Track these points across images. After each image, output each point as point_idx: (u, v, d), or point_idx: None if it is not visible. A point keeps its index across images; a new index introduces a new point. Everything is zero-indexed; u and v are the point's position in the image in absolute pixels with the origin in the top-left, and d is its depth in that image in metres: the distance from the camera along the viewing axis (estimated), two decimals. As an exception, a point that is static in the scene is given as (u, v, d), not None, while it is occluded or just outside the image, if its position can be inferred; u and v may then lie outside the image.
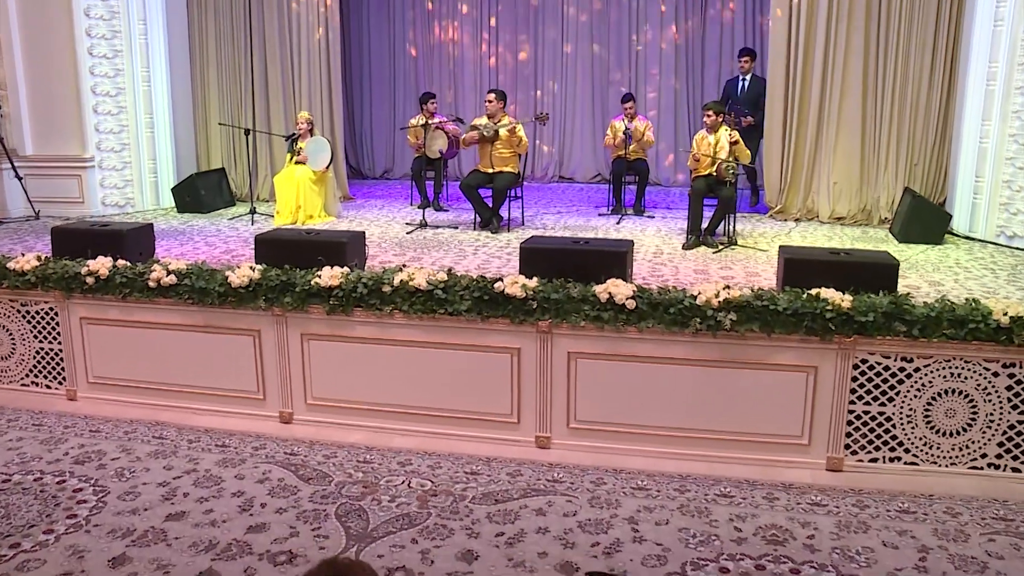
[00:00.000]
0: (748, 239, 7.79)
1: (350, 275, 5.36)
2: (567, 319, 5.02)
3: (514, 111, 11.86)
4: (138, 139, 9.79)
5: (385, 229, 8.48)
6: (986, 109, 7.62)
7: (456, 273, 5.35)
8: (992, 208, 7.66)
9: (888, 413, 4.86)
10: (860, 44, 8.39)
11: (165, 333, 5.80)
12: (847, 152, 8.61)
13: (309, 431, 5.53)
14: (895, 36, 8.32)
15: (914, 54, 8.29)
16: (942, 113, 8.36)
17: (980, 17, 7.64)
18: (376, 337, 5.37)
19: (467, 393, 5.30)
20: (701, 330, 4.86)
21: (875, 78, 8.44)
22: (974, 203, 7.84)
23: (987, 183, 7.67)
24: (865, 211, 8.67)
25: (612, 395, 5.10)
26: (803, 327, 4.78)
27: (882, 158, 8.54)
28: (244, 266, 5.58)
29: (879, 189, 8.60)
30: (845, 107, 8.54)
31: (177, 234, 8.33)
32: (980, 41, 7.66)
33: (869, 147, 8.59)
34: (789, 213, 8.95)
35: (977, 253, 7.27)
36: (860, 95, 8.46)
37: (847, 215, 8.71)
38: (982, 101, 7.65)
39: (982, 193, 7.74)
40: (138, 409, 5.87)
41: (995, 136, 7.55)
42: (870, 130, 8.55)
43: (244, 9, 10.28)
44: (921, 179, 8.49)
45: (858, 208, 8.68)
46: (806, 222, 8.82)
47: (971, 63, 7.77)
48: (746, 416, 4.98)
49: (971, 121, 7.81)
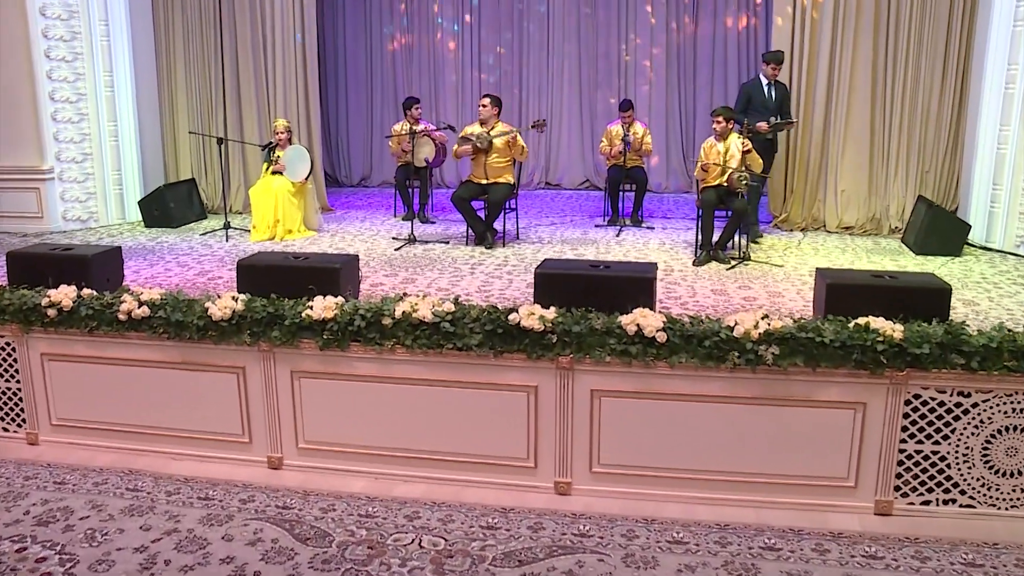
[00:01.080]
0: (759, 253, 7.38)
1: (345, 306, 4.84)
2: (590, 353, 4.54)
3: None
4: (101, 148, 9.15)
5: (371, 245, 7.95)
6: (1005, 113, 7.29)
7: (463, 302, 4.84)
8: (1011, 217, 7.33)
9: (942, 452, 4.44)
10: (868, 48, 8.05)
11: (138, 370, 5.23)
12: (855, 159, 8.25)
13: (301, 478, 4.99)
14: (904, 39, 7.99)
15: (925, 57, 7.96)
16: (954, 118, 8.03)
17: (997, 18, 7.30)
18: (376, 375, 4.85)
19: (478, 435, 4.80)
20: (739, 365, 4.41)
21: (883, 82, 8.09)
22: (991, 212, 7.51)
23: (1005, 191, 7.35)
24: (874, 220, 8.31)
25: (640, 436, 4.64)
26: (852, 360, 4.35)
27: (891, 165, 8.19)
28: (225, 296, 5.03)
29: (888, 197, 8.25)
30: (852, 112, 8.18)
31: (146, 252, 7.73)
32: (997, 43, 7.32)
33: (878, 154, 8.24)
34: (794, 223, 8.57)
35: (1000, 265, 6.92)
36: (868, 100, 8.11)
37: (855, 224, 8.35)
38: (1000, 105, 7.32)
39: (1000, 201, 7.41)
40: (109, 455, 5.29)
41: (1015, 142, 7.23)
42: (879, 136, 8.20)
43: (214, 8, 9.66)
44: (933, 187, 8.15)
45: (867, 217, 8.32)
46: (812, 232, 8.45)
47: (988, 66, 7.43)
48: (787, 457, 4.54)
49: (988, 126, 7.48)
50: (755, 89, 8.18)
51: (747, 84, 8.45)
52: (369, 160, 12.54)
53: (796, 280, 6.48)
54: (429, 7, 12.03)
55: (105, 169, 9.21)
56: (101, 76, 9.11)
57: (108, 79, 9.17)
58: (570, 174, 11.91)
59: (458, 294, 5.93)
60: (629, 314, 4.52)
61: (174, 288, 6.39)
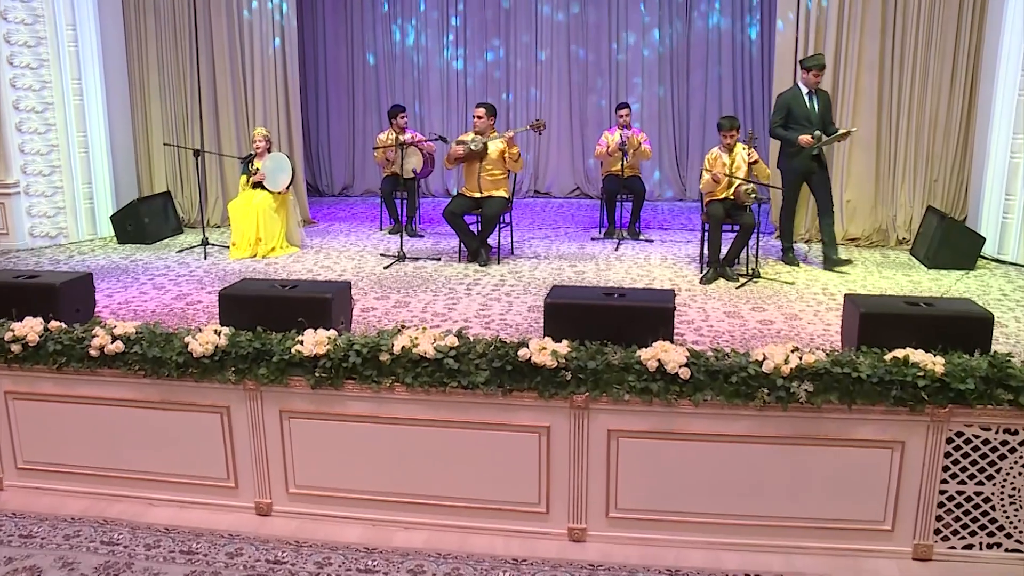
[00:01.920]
0: (766, 268, 7.06)
1: (339, 340, 4.45)
2: (607, 391, 4.19)
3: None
4: (70, 160, 8.68)
5: (359, 262, 7.55)
6: (1018, 121, 7.05)
7: (466, 334, 4.47)
8: (1025, 228, 7.07)
9: (986, 493, 4.14)
10: (875, 54, 7.77)
11: (112, 410, 4.81)
12: (861, 168, 7.96)
13: (293, 526, 4.60)
14: (911, 45, 7.72)
15: (933, 63, 7.69)
16: (963, 126, 7.76)
17: (1010, 23, 7.04)
18: (373, 415, 4.47)
19: (485, 479, 4.43)
20: (769, 402, 4.07)
21: (890, 89, 7.81)
22: (1004, 223, 7.26)
23: (1019, 201, 7.11)
24: (881, 231, 8.04)
25: (661, 478, 4.30)
26: (890, 397, 4.03)
27: (898, 174, 7.93)
28: (207, 329, 4.63)
29: (895, 207, 7.98)
30: (858, 120, 7.88)
31: (119, 272, 7.29)
32: (1010, 49, 7.07)
33: (884, 163, 7.97)
34: (797, 234, 8.25)
35: (1017, 280, 6.66)
36: (875, 107, 7.84)
37: (861, 236, 8.07)
38: (1013, 113, 7.07)
39: (1013, 212, 7.17)
40: (81, 501, 4.87)
41: (1029, 151, 6.96)
42: (885, 144, 7.93)
43: (188, 13, 9.20)
44: (941, 196, 7.89)
45: (873, 228, 8.05)
46: (816, 243, 8.14)
47: (999, 72, 7.17)
48: (819, 500, 4.23)
49: (1000, 134, 7.22)
50: (795, 100, 7.22)
51: (785, 94, 7.39)
52: (351, 168, 12.11)
53: (811, 300, 6.17)
54: (414, 10, 11.62)
55: (75, 182, 8.74)
56: (69, 84, 8.63)
57: (77, 87, 8.69)
58: (560, 182, 11.56)
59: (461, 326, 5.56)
60: (649, 348, 4.18)
61: (150, 315, 6.00)
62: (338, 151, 12.11)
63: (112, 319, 5.73)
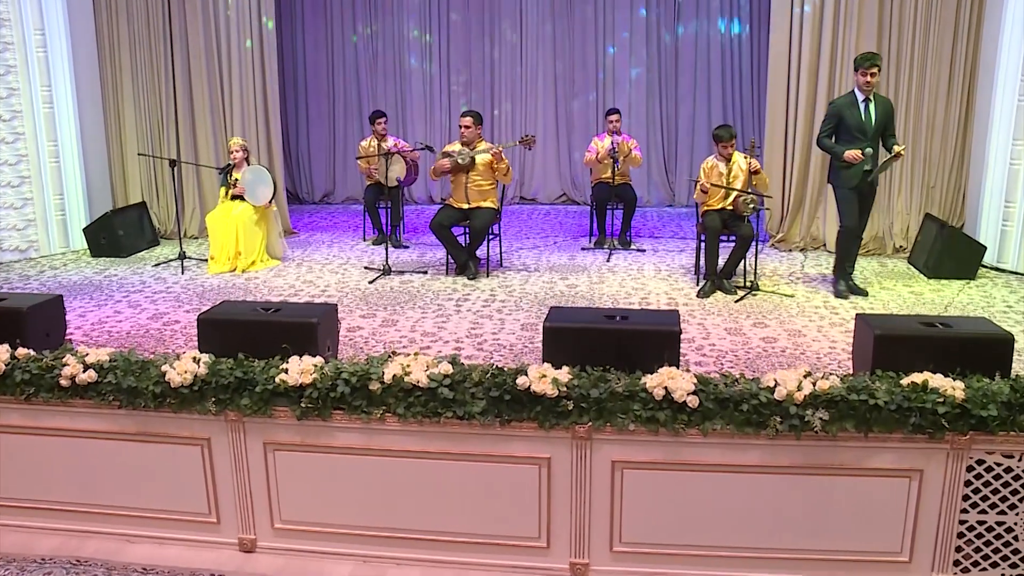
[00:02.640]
0: (764, 279, 6.87)
1: (326, 368, 4.20)
2: (611, 421, 3.97)
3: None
4: (40, 171, 8.36)
5: (343, 276, 7.29)
6: (1018, 126, 6.91)
7: (461, 360, 4.24)
8: (1026, 236, 6.93)
9: (1008, 522, 3.96)
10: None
11: (85, 442, 4.53)
12: (857, 174, 7.77)
13: (279, 563, 4.36)
14: (908, 49, 7.57)
15: (930, 67, 7.55)
16: (961, 131, 7.61)
17: (1009, 26, 6.90)
18: (363, 447, 4.22)
19: (482, 512, 4.20)
20: (782, 431, 3.87)
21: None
22: (1003, 230, 7.13)
23: (1019, 209, 6.98)
24: (877, 239, 7.88)
25: (668, 511, 4.09)
26: (909, 424, 3.84)
27: (895, 181, 7.77)
28: (185, 357, 4.36)
29: (892, 215, 7.83)
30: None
31: (92, 289, 6.99)
32: (1010, 52, 6.93)
33: (881, 169, 7.77)
34: (792, 242, 8.11)
35: (1021, 291, 6.54)
36: (871, 111, 7.63)
37: (858, 244, 7.88)
38: (1013, 118, 6.93)
39: (1013, 220, 7.03)
40: (52, 539, 4.59)
41: (1030, 157, 6.82)
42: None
43: (163, 17, 8.89)
44: (939, 203, 7.75)
45: (869, 236, 7.88)
46: (812, 251, 7.98)
47: (999, 76, 7.03)
48: (834, 531, 4.04)
49: (999, 140, 7.08)
50: (847, 107, 6.31)
51: (837, 101, 6.51)
52: (332, 175, 11.82)
53: (812, 314, 5.99)
54: (395, 13, 11.34)
55: (45, 193, 8.41)
56: (38, 91, 8.31)
57: (46, 94, 8.37)
58: (546, 188, 11.33)
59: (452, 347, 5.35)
60: (655, 374, 3.96)
61: (125, 337, 5.72)
62: (318, 157, 11.81)
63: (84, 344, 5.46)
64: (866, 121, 6.27)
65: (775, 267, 7.37)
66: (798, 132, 7.90)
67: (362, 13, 11.43)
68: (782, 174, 8.04)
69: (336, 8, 11.45)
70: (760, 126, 9.75)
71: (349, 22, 11.50)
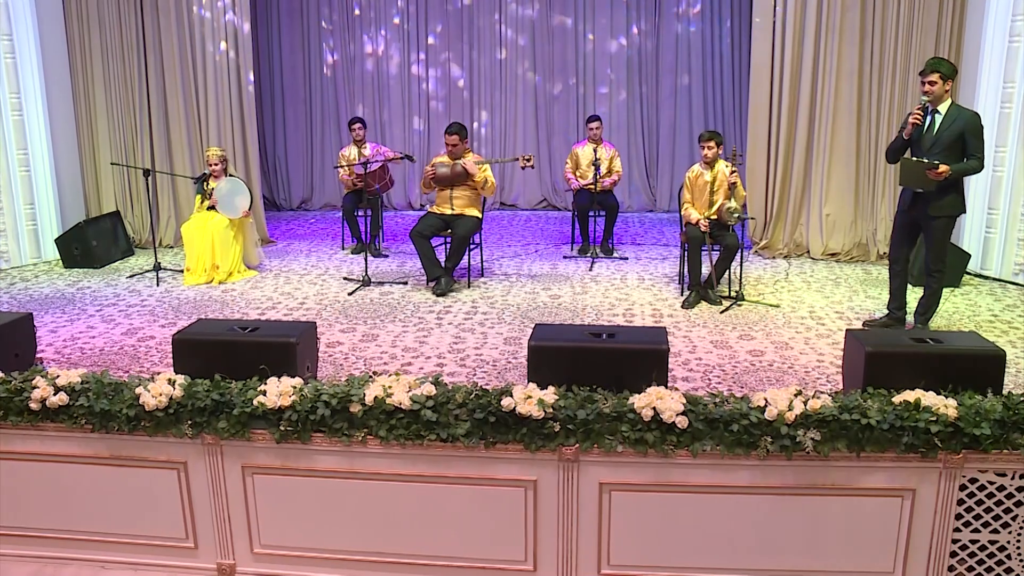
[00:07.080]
0: (748, 288, 6.81)
1: (305, 390, 4.08)
2: (599, 442, 3.88)
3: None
4: (10, 180, 8.16)
5: (321, 288, 7.16)
6: (1000, 134, 6.87)
7: (444, 381, 4.14)
8: (1009, 243, 6.94)
9: (1001, 541, 3.91)
10: (854, 61, 7.57)
11: (58, 467, 4.38)
12: (840, 181, 7.78)
13: (258, 589, 4.24)
14: (891, 53, 7.53)
15: (912, 72, 7.48)
16: (943, 136, 7.57)
17: (991, 33, 6.88)
18: (344, 470, 4.11)
19: (467, 536, 4.10)
20: (773, 451, 3.80)
21: (870, 98, 7.64)
22: (986, 237, 7.10)
23: (1002, 216, 6.95)
24: (861, 246, 7.85)
25: (657, 533, 4.01)
26: (901, 444, 3.78)
27: (879, 186, 7.75)
28: (160, 379, 4.23)
29: (876, 221, 7.79)
30: (837, 128, 7.70)
31: (64, 302, 6.81)
32: (992, 59, 6.91)
33: (864, 175, 7.79)
34: (775, 249, 8.06)
35: (1005, 299, 6.49)
36: (854, 114, 7.65)
37: (841, 251, 7.88)
38: (995, 125, 6.89)
39: (996, 227, 7.01)
40: (25, 566, 4.45)
41: (1012, 164, 6.83)
42: (865, 156, 7.75)
43: (136, 23, 8.72)
44: (922, 210, 7.69)
45: (853, 243, 7.86)
46: (796, 259, 7.94)
47: (981, 83, 7.00)
48: (825, 551, 3.97)
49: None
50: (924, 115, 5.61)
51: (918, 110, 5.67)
52: (309, 182, 11.66)
53: (799, 325, 5.93)
54: (374, 19, 11.19)
55: (15, 203, 8.21)
56: (7, 98, 8.11)
57: (15, 101, 8.17)
58: (526, 194, 11.24)
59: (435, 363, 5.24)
60: (643, 395, 3.88)
61: (98, 354, 5.57)
62: (296, 164, 11.65)
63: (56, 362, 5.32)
64: (926, 132, 5.59)
65: (759, 275, 7.31)
66: (780, 139, 7.86)
67: (337, 18, 11.26)
68: (765, 181, 7.99)
69: (311, 16, 11.28)
70: (742, 132, 9.70)
71: (327, 29, 11.33)
